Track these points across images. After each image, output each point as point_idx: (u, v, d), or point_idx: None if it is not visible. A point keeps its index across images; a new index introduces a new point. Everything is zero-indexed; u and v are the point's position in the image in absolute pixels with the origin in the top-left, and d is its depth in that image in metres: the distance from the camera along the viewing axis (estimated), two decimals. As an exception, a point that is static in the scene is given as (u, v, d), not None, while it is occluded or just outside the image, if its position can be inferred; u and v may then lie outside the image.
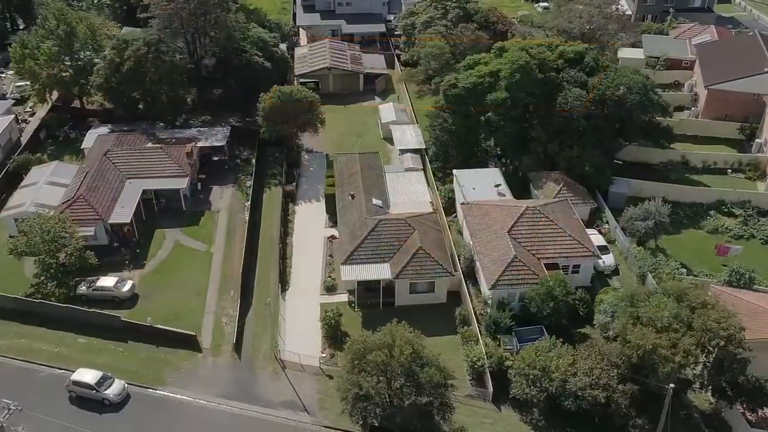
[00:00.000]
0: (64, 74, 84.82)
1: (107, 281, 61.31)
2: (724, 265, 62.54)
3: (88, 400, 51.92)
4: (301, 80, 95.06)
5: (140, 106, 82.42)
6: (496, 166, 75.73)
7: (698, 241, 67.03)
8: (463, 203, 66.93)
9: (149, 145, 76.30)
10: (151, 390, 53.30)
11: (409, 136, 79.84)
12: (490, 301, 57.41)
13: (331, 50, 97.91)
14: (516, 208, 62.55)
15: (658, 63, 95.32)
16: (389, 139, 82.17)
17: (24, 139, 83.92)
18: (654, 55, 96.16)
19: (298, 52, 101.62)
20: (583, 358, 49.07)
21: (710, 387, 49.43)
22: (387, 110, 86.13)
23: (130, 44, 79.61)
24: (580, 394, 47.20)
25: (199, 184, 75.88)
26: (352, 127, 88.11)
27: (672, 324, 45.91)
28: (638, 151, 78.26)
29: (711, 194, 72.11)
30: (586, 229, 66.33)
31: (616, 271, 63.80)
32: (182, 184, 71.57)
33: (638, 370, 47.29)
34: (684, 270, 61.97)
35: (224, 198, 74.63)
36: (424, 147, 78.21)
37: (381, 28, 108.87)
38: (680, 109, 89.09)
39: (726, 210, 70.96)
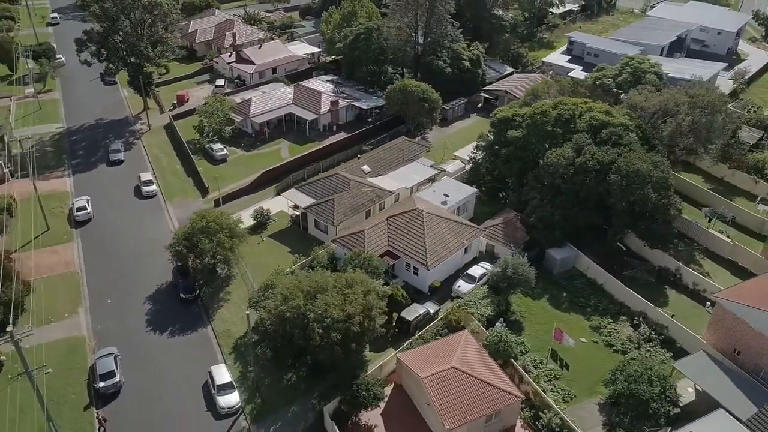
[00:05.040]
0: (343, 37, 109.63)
1: (216, 146, 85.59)
2: (553, 350, 53.74)
3: (138, 191, 78.10)
4: (484, 94, 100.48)
5: (353, 69, 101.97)
6: (505, 194, 73.47)
7: (566, 325, 56.02)
8: (414, 194, 69.83)
9: (321, 90, 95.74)
10: (163, 198, 76.90)
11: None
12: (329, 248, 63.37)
13: (523, 80, 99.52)
14: (410, 205, 63.87)
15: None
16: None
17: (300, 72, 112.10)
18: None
19: (512, 76, 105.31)
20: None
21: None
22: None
23: (357, 26, 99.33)
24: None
25: (334, 127, 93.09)
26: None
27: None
28: (641, 244, 64.75)
29: (639, 302, 57.59)
30: (484, 263, 63.00)
31: (469, 300, 59.93)
32: (309, 117, 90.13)
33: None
34: (499, 324, 55.04)
35: (338, 139, 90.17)
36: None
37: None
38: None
39: (637, 322, 56.47)
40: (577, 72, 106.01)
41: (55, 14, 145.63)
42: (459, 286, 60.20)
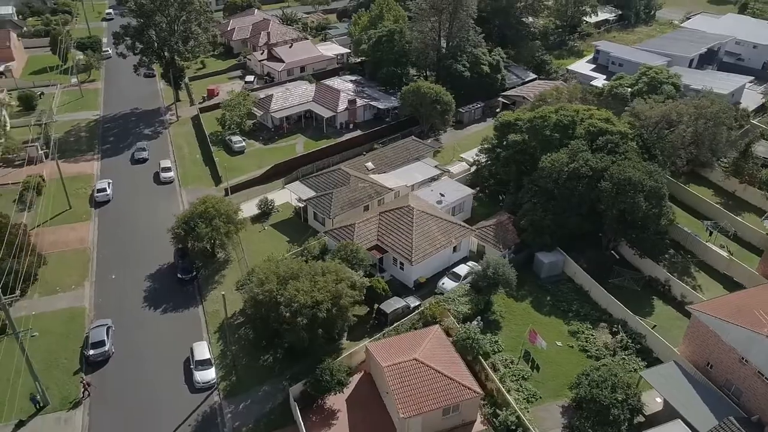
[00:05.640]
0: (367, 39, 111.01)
1: (235, 138, 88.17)
2: (527, 351, 53.42)
3: (157, 177, 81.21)
4: (502, 99, 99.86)
5: (375, 70, 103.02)
6: (504, 197, 73.02)
7: (544, 328, 55.75)
8: (411, 192, 70.31)
9: (340, 89, 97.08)
10: (179, 184, 79.78)
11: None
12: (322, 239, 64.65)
13: (543, 87, 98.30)
14: (403, 202, 64.37)
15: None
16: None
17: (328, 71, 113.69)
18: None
19: (534, 82, 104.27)
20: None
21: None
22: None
23: (380, 28, 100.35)
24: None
25: (351, 125, 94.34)
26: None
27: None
28: (633, 254, 63.37)
29: (621, 310, 56.51)
30: (472, 262, 62.98)
31: (452, 297, 60.03)
32: (326, 114, 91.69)
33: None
34: (475, 323, 55.01)
35: (353, 136, 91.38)
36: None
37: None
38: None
39: (616, 329, 55.46)
40: (600, 81, 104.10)
41: (110, 10, 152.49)
42: (443, 284, 60.43)
